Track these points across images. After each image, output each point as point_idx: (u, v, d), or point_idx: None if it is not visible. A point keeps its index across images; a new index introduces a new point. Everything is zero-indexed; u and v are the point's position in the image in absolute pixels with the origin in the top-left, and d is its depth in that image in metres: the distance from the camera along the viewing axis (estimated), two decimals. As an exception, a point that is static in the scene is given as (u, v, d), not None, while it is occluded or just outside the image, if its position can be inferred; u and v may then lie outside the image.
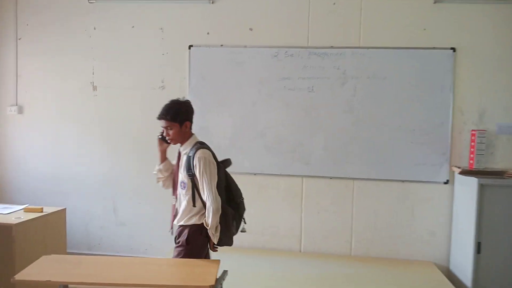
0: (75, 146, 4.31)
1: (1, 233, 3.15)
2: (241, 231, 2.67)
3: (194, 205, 2.53)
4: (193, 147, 2.55)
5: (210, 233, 2.47)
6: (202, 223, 2.50)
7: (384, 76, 3.79)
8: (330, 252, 3.96)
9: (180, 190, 2.60)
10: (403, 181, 3.84)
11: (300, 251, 4.01)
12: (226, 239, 2.54)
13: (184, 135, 2.58)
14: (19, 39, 4.35)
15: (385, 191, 3.89)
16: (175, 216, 2.65)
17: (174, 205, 2.67)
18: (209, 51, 3.98)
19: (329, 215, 3.96)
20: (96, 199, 4.30)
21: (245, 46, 3.94)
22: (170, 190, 2.76)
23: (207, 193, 2.45)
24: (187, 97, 3.94)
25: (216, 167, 2.54)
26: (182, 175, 2.56)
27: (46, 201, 4.22)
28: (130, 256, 4.12)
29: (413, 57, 3.76)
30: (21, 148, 4.40)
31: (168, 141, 2.61)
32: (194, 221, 2.54)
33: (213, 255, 2.68)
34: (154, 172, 2.74)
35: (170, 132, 2.55)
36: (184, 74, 4.05)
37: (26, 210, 3.52)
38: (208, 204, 2.45)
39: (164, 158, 2.72)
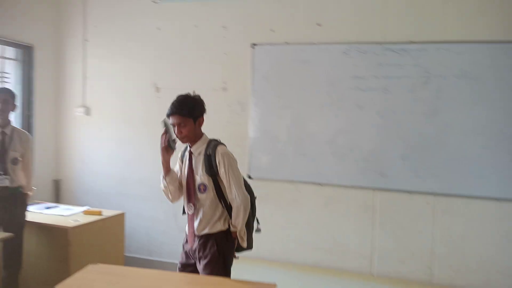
0: (139, 149, 4.24)
1: (57, 236, 3.11)
2: (256, 231, 2.47)
3: (223, 206, 2.32)
4: (209, 144, 2.35)
5: (239, 236, 2.29)
6: (228, 228, 2.31)
7: (475, 75, 3.22)
8: (407, 278, 3.44)
9: (198, 195, 2.34)
10: (498, 199, 3.23)
11: (372, 274, 3.54)
12: (249, 242, 2.39)
13: (197, 133, 2.37)
14: (87, 40, 4.39)
15: (475, 210, 3.30)
16: (192, 226, 2.37)
17: (193, 214, 2.36)
18: (273, 50, 3.68)
19: (407, 235, 3.45)
20: (159, 203, 4.16)
21: (312, 43, 3.58)
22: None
23: (236, 191, 2.26)
24: (250, 99, 3.71)
25: (237, 162, 2.37)
26: (200, 177, 2.32)
27: (111, 203, 4.22)
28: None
29: (513, 52, 3.13)
30: (88, 150, 4.43)
31: (180, 139, 2.34)
32: (219, 227, 2.32)
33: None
34: (163, 189, 2.46)
35: (184, 129, 2.30)
36: (247, 75, 3.78)
37: (86, 213, 3.47)
38: (237, 202, 2.26)
39: (169, 168, 2.41)
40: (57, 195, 4.53)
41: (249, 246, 2.40)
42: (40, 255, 3.23)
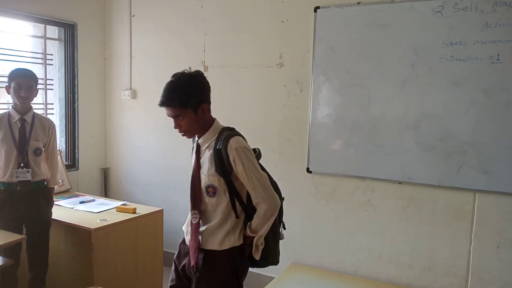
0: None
1: (82, 237, 2.72)
2: (280, 239, 2.01)
3: (237, 216, 1.84)
4: (220, 135, 1.82)
5: (254, 245, 1.84)
6: (242, 243, 1.85)
7: None
8: (517, 308, 2.60)
9: (206, 199, 1.85)
10: None
11: (467, 300, 2.74)
12: (274, 255, 1.95)
13: (202, 122, 1.84)
14: (133, 16, 3.96)
15: None
16: (195, 239, 1.86)
17: (198, 223, 1.86)
18: (341, 13, 2.93)
19: (518, 253, 2.59)
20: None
21: (393, 1, 2.78)
22: None
23: (263, 193, 1.78)
24: (310, 76, 3.03)
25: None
26: (208, 177, 1.82)
27: (157, 195, 3.89)
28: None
29: None
30: (135, 137, 4.05)
31: (182, 135, 1.85)
32: (232, 241, 1.84)
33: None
34: None
35: (182, 122, 1.80)
36: (308, 46, 3.09)
37: (119, 210, 3.06)
38: (265, 207, 1.79)
39: None
40: (105, 185, 4.22)
41: (275, 260, 1.97)
42: (65, 256, 2.89)
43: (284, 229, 2.05)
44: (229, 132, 1.83)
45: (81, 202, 3.23)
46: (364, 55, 2.88)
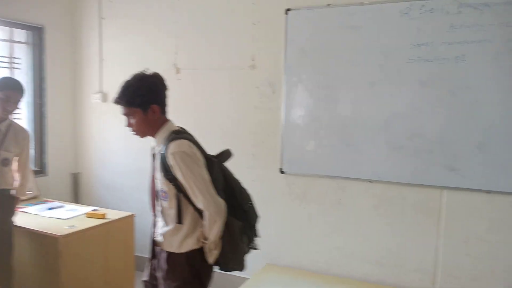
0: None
1: (48, 244, 2.63)
2: (252, 248, 1.99)
3: (179, 222, 1.82)
4: (167, 139, 1.81)
5: (207, 249, 1.82)
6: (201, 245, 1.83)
7: None
8: (484, 302, 2.67)
9: (162, 203, 1.87)
10: None
11: (437, 295, 2.79)
12: (235, 262, 1.88)
13: (152, 124, 1.85)
14: (103, 18, 3.89)
15: None
16: (153, 238, 1.94)
17: (156, 223, 1.94)
18: (312, 15, 2.97)
19: (484, 247, 2.66)
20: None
21: (362, 3, 2.83)
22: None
23: (202, 198, 1.74)
24: (283, 78, 3.05)
25: (202, 160, 1.81)
26: (160, 181, 1.83)
27: (129, 200, 3.81)
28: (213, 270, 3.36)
29: None
30: (107, 140, 3.96)
31: (133, 134, 1.87)
32: (190, 245, 1.83)
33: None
34: None
35: (132, 121, 1.83)
36: (280, 48, 3.11)
37: (89, 215, 2.98)
38: (208, 212, 1.76)
39: None
40: (76, 190, 4.12)
41: (236, 266, 1.89)
42: (32, 264, 2.79)
43: (255, 236, 2.01)
44: (173, 136, 1.81)
45: (49, 209, 3.14)
46: (334, 57, 2.92)
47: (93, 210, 3.08)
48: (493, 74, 2.54)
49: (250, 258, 3.23)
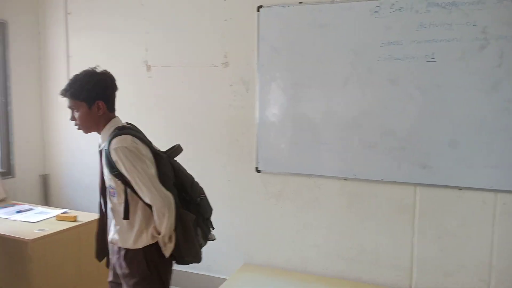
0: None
1: (18, 249, 2.54)
2: (209, 240, 2.01)
3: (126, 217, 1.82)
4: (110, 135, 1.82)
5: (161, 243, 1.82)
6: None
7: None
8: (456, 296, 2.74)
9: (112, 199, 1.88)
10: None
11: (411, 290, 2.85)
12: (190, 255, 1.89)
13: (96, 120, 1.86)
14: (69, 13, 3.76)
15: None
16: (105, 236, 1.94)
17: (107, 220, 1.95)
18: (283, 12, 2.94)
19: (457, 242, 2.73)
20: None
21: (332, 1, 2.83)
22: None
23: (148, 193, 1.75)
24: (256, 75, 3.02)
25: (147, 155, 1.80)
26: (107, 178, 1.84)
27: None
28: (191, 272, 3.35)
29: None
30: (76, 140, 3.84)
31: (77, 128, 1.88)
32: (145, 240, 1.84)
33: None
34: None
35: (76, 115, 1.85)
36: (252, 46, 3.07)
37: (59, 218, 2.90)
38: (155, 206, 1.76)
39: None
40: (45, 192, 4.00)
41: (192, 258, 1.91)
42: (1, 270, 2.69)
43: (213, 228, 2.04)
44: (116, 131, 1.82)
45: (17, 212, 3.02)
46: (306, 55, 2.90)
47: (63, 213, 3.00)
48: (461, 72, 2.58)
49: (227, 258, 3.27)
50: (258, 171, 3.14)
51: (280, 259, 3.17)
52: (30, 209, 3.13)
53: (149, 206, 1.80)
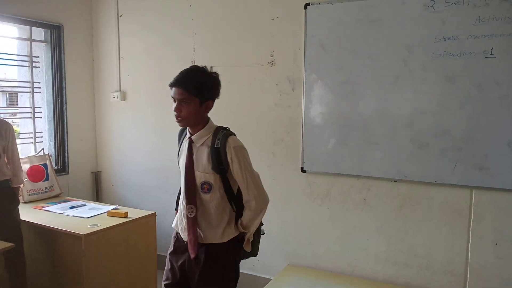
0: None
1: (71, 243, 2.65)
2: (262, 234, 2.12)
3: (231, 209, 1.94)
4: (216, 134, 1.89)
5: (246, 240, 1.97)
6: (238, 233, 1.96)
7: None
8: (516, 307, 2.57)
9: (201, 195, 1.91)
10: None
11: (465, 298, 2.71)
12: (257, 249, 2.07)
13: (200, 117, 1.90)
14: (120, 16, 3.88)
15: None
16: (194, 232, 1.92)
17: (195, 217, 1.91)
18: (331, 9, 2.88)
19: (516, 249, 2.56)
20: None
21: (384, -4, 2.74)
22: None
23: (255, 191, 1.88)
24: (302, 74, 2.98)
25: None
26: (204, 174, 1.88)
27: (149, 198, 3.81)
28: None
29: None
30: (126, 139, 3.97)
31: (177, 120, 1.88)
32: (231, 234, 1.93)
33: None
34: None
35: (185, 108, 1.84)
36: (299, 44, 3.04)
37: (110, 214, 2.99)
38: (255, 205, 1.89)
39: None
40: (97, 189, 4.15)
41: (256, 252, 2.07)
42: (55, 263, 2.81)
43: (262, 224, 2.09)
44: (226, 131, 1.91)
45: (71, 207, 3.15)
46: (356, 52, 2.83)
47: (114, 209, 3.09)
48: (524, 69, 2.42)
49: (272, 258, 3.25)
50: (303, 171, 3.09)
51: (326, 261, 3.10)
52: (83, 205, 3.25)
53: (235, 203, 1.93)
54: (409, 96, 2.71)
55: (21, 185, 3.08)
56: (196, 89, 1.82)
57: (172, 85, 1.84)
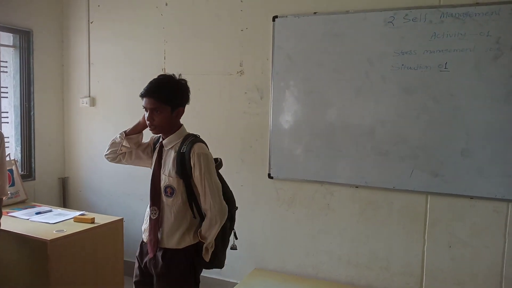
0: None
1: (37, 249, 2.63)
2: (232, 249, 2.18)
3: (194, 217, 1.96)
4: (185, 140, 1.96)
5: (205, 249, 1.95)
6: (198, 241, 1.96)
7: None
8: (468, 306, 2.73)
9: (163, 199, 1.97)
10: None
11: (422, 298, 2.85)
12: (221, 260, 2.07)
13: (173, 124, 1.99)
14: (91, 22, 3.89)
15: None
16: (154, 233, 1.97)
17: (157, 219, 1.97)
18: (298, 22, 3.01)
19: (468, 252, 2.73)
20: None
21: (347, 12, 2.88)
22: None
23: (211, 200, 1.90)
24: (270, 83, 3.09)
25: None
26: (169, 178, 1.95)
27: (117, 204, 3.81)
28: (202, 275, 3.40)
29: None
30: (94, 144, 3.95)
31: (150, 128, 1.97)
32: (188, 241, 1.95)
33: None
34: (119, 138, 2.11)
35: (157, 116, 1.92)
36: (267, 54, 3.15)
37: (76, 220, 2.98)
38: (212, 213, 1.90)
39: (141, 130, 2.11)
40: (64, 195, 4.11)
41: (220, 264, 2.07)
42: (19, 269, 2.78)
43: (236, 238, 2.16)
44: (194, 138, 1.97)
45: (37, 213, 3.12)
46: (321, 64, 2.96)
47: (81, 215, 3.08)
48: (474, 82, 2.60)
49: (239, 262, 3.31)
50: (270, 177, 3.19)
51: (291, 265, 3.20)
52: (49, 211, 3.22)
53: (199, 211, 1.95)
54: (370, 106, 2.85)
55: (5, 197, 2.81)
56: (167, 97, 1.89)
57: (142, 95, 1.92)
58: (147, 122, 1.94)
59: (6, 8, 3.57)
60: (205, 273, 3.40)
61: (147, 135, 2.20)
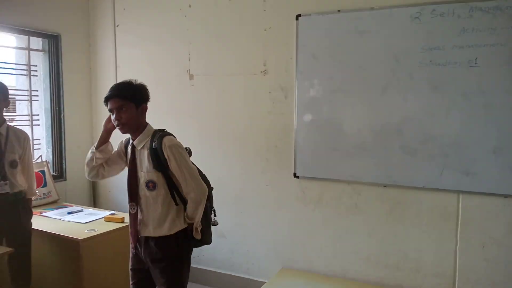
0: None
1: (69, 248, 2.72)
2: (213, 225, 2.31)
3: (176, 204, 2.11)
4: (154, 136, 2.10)
5: (194, 229, 2.12)
6: (187, 226, 2.13)
7: None
8: (502, 308, 2.65)
9: (147, 193, 2.10)
10: None
11: (454, 299, 2.79)
12: (208, 236, 2.26)
13: (139, 121, 2.12)
14: (117, 25, 3.96)
15: None
16: (134, 226, 2.16)
17: (136, 213, 2.15)
18: (322, 20, 2.98)
19: (503, 252, 2.65)
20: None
21: (372, 8, 2.83)
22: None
23: (193, 183, 2.08)
24: (294, 83, 3.09)
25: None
26: (147, 174, 2.09)
27: None
28: (230, 274, 3.45)
29: None
30: (122, 146, 4.03)
31: (118, 127, 2.09)
32: (178, 226, 2.13)
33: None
34: (91, 154, 2.27)
35: (124, 114, 2.04)
36: (291, 53, 3.13)
37: (107, 219, 3.06)
38: (195, 195, 2.08)
39: (107, 140, 2.28)
40: (94, 195, 4.21)
41: (208, 240, 2.25)
42: (52, 268, 2.88)
43: (215, 216, 2.30)
44: (162, 133, 2.11)
45: (69, 213, 3.22)
46: (345, 62, 2.92)
47: (111, 214, 3.15)
48: (506, 77, 2.52)
49: (265, 261, 3.32)
50: (296, 176, 3.17)
51: (319, 265, 3.18)
52: (81, 211, 3.31)
53: (181, 198, 2.11)
54: (397, 104, 2.80)
55: (34, 197, 3.02)
56: (130, 94, 2.05)
57: (107, 98, 2.07)
58: (115, 123, 2.07)
59: (35, 13, 3.68)
60: (232, 271, 3.47)
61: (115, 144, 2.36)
